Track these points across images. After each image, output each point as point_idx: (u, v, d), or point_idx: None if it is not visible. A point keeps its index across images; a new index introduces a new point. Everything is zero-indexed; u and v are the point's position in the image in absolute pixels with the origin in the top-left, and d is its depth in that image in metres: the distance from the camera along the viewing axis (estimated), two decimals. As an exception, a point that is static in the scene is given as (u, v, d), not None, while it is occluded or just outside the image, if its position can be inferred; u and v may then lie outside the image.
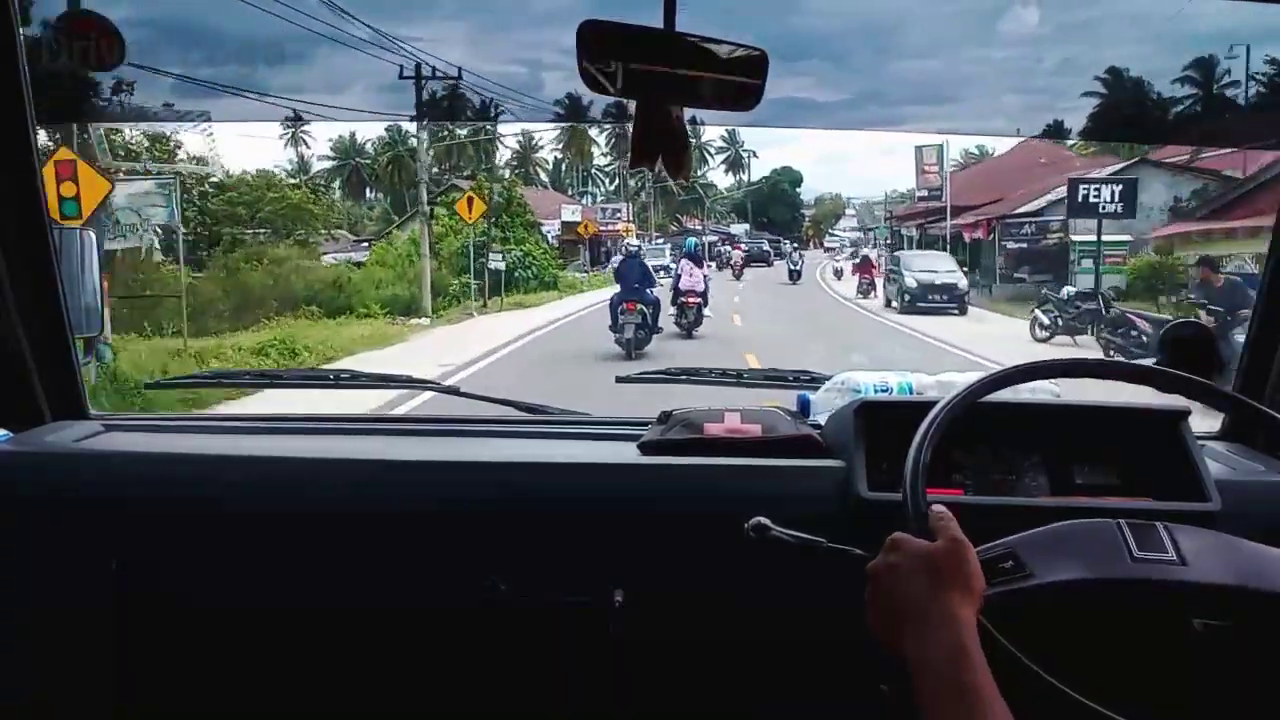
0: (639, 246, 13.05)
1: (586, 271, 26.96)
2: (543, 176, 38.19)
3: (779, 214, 47.25)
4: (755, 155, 46.75)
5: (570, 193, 36.29)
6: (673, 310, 12.94)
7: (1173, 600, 0.97)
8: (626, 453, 1.56)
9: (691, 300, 12.95)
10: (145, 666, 1.51)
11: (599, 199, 36.61)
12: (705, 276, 13.58)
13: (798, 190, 50.33)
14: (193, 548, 1.49)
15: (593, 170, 40.21)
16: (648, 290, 11.71)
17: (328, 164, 33.33)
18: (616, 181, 39.77)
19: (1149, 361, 1.27)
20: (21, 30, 1.50)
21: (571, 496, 1.48)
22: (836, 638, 1.21)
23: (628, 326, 11.39)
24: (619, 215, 33.37)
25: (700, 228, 39.66)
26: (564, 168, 39.89)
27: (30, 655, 1.51)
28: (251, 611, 1.49)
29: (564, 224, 27.24)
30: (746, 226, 43.15)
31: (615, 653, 1.44)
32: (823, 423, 1.62)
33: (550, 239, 24.33)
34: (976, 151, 40.51)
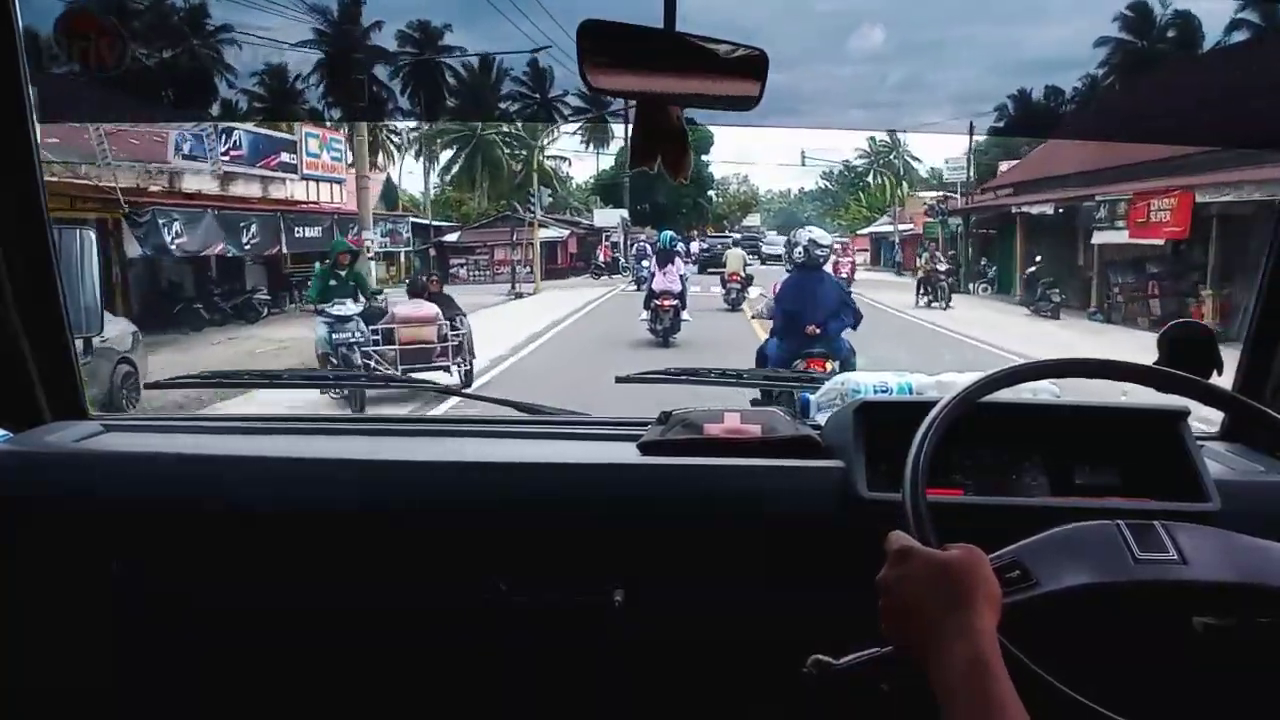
0: (829, 249, 6.42)
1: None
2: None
3: (673, 197, 31.20)
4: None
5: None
6: (645, 315, 11.50)
7: (1177, 599, 0.97)
8: (626, 453, 1.56)
9: (667, 304, 11.27)
10: (145, 667, 1.51)
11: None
12: (682, 276, 11.76)
13: (705, 159, 32.92)
14: (193, 548, 1.49)
15: (385, 135, 29.60)
16: (842, 340, 6.12)
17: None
18: (420, 152, 29.80)
19: (1149, 361, 1.26)
20: (21, 30, 1.50)
21: (571, 496, 1.48)
22: (836, 638, 1.21)
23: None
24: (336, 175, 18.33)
25: (544, 218, 28.21)
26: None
27: (30, 656, 1.51)
28: (250, 612, 1.49)
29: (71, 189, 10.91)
30: (623, 214, 30.23)
31: (615, 653, 1.44)
32: (822, 423, 1.62)
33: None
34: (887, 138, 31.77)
